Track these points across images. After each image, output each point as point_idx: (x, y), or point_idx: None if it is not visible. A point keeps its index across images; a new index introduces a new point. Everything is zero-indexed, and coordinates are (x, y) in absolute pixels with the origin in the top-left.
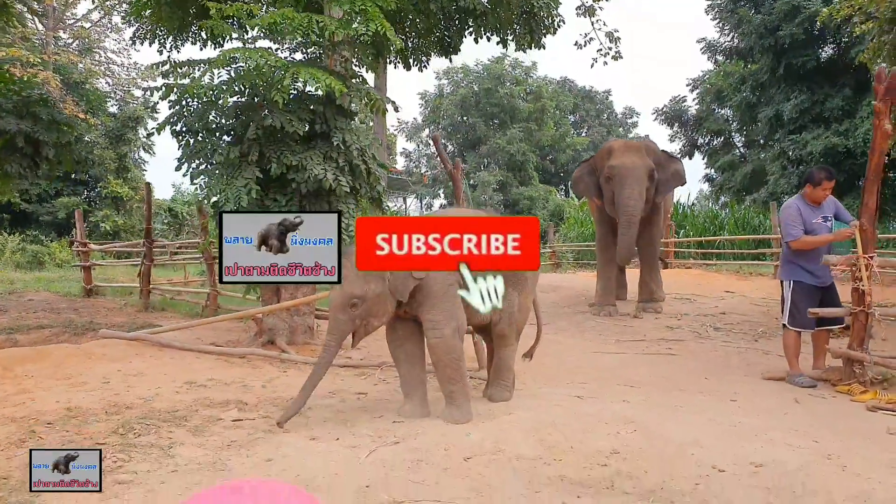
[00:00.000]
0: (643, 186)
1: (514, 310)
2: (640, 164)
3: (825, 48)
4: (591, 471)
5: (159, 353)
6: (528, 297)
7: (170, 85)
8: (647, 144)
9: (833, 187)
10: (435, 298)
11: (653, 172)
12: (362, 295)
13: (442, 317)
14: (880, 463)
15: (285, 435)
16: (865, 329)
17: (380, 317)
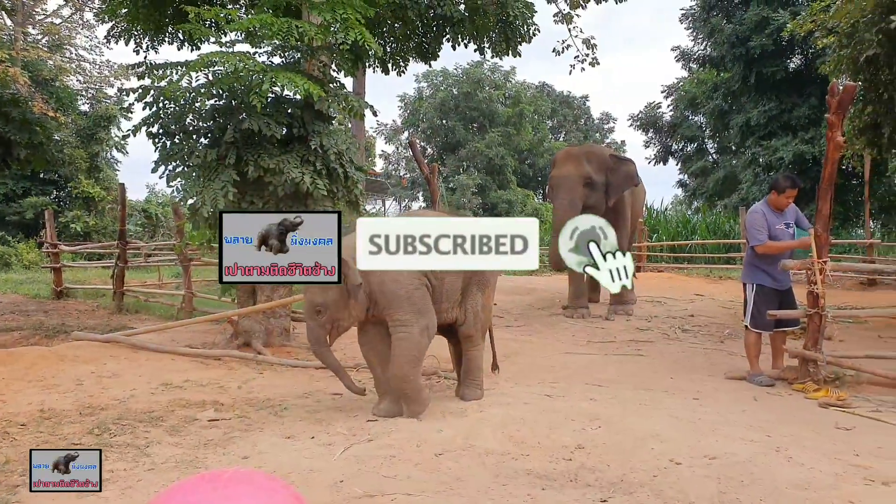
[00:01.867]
0: (575, 195)
1: (479, 309)
2: (573, 174)
3: (793, 59)
4: (556, 465)
5: (134, 355)
6: (490, 297)
7: (146, 87)
8: (590, 151)
9: (796, 195)
10: (400, 300)
11: (589, 179)
12: (323, 302)
13: (410, 316)
14: (824, 454)
15: (261, 433)
16: (819, 330)
17: (347, 319)
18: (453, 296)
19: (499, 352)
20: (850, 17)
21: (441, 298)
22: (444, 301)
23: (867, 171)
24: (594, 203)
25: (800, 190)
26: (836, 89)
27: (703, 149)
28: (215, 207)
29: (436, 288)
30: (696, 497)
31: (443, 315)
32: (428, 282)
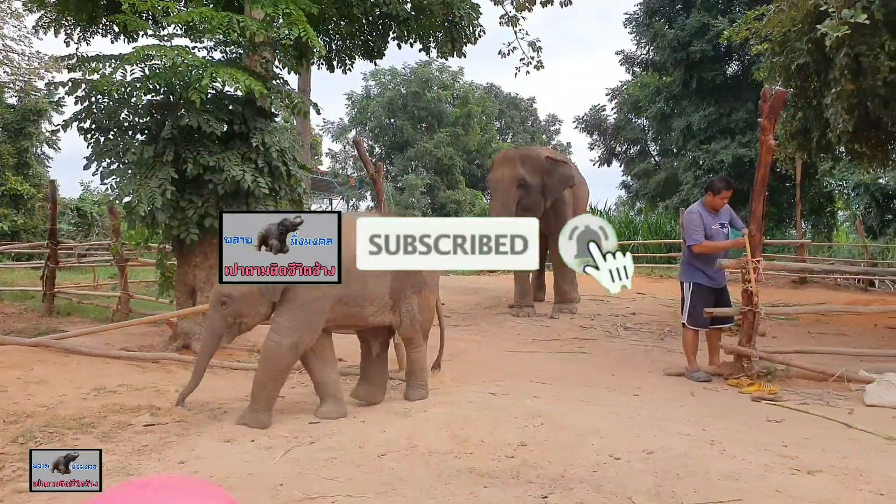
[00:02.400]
0: (509, 197)
1: (416, 311)
2: (507, 177)
3: (731, 65)
4: (498, 462)
5: (64, 359)
6: (428, 298)
7: (77, 80)
8: (526, 154)
9: (731, 196)
10: (293, 305)
11: (523, 182)
12: (230, 294)
13: (289, 325)
14: (755, 446)
15: (199, 438)
16: (753, 327)
17: (252, 316)
18: (380, 299)
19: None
20: (781, 26)
21: (364, 302)
22: (367, 306)
23: (798, 174)
24: (530, 205)
25: (736, 192)
26: (769, 95)
27: (646, 151)
28: (152, 206)
29: (355, 294)
30: (633, 491)
31: (368, 319)
32: (339, 291)
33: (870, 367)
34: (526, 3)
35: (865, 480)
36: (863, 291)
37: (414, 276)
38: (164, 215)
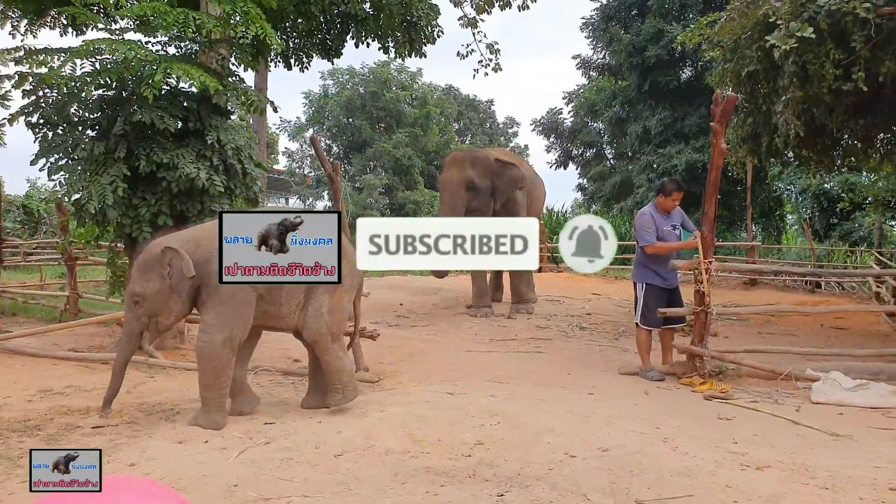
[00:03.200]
0: (457, 199)
1: (324, 312)
2: (456, 179)
3: (684, 70)
4: (455, 461)
5: (9, 360)
6: (341, 298)
7: (24, 73)
8: (475, 156)
9: (682, 198)
10: (216, 301)
11: (472, 184)
12: (141, 293)
13: (217, 321)
14: (707, 442)
15: (151, 439)
16: (705, 327)
17: (167, 315)
18: (294, 299)
19: (403, 352)
20: (732, 33)
21: (280, 302)
22: (283, 305)
23: (749, 178)
24: (480, 206)
25: (687, 194)
26: (720, 100)
27: (602, 154)
28: (103, 203)
29: (272, 291)
30: (588, 488)
31: (285, 320)
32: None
33: (816, 366)
34: (485, 5)
35: (811, 475)
36: (810, 293)
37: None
38: (115, 213)
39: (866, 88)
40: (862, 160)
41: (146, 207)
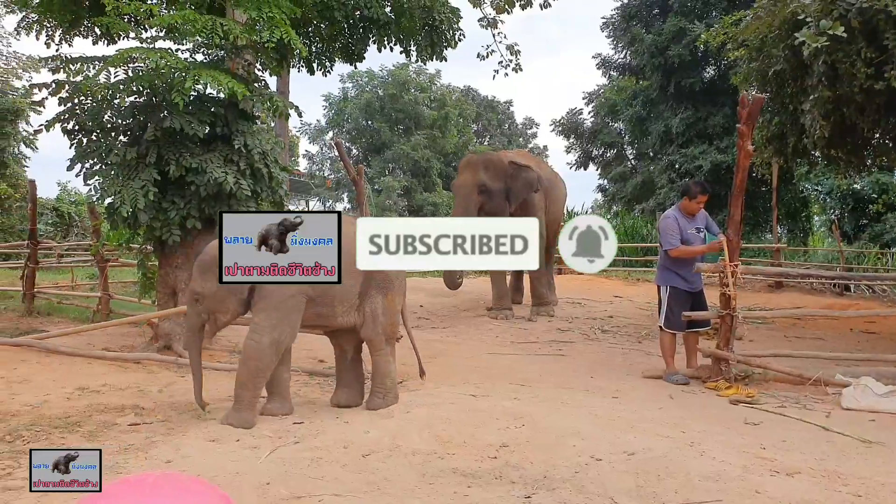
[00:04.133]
0: (470, 203)
1: (379, 313)
2: (469, 182)
3: (708, 70)
4: (481, 463)
5: (46, 359)
6: (393, 301)
7: (60, 81)
8: (489, 159)
9: (707, 201)
10: (268, 304)
11: (485, 187)
12: (201, 292)
13: (266, 324)
14: (734, 447)
15: (184, 437)
16: (731, 330)
17: (224, 313)
18: (349, 299)
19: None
20: (758, 32)
21: (334, 302)
22: (337, 305)
23: (775, 179)
24: (494, 209)
25: (713, 196)
26: (747, 101)
27: (622, 155)
28: (135, 207)
29: (325, 294)
30: (615, 491)
31: (337, 319)
32: (310, 290)
33: (846, 371)
34: (505, 5)
35: (843, 482)
36: (838, 296)
37: (380, 276)
38: (146, 216)
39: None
40: (894, 160)
41: (175, 211)
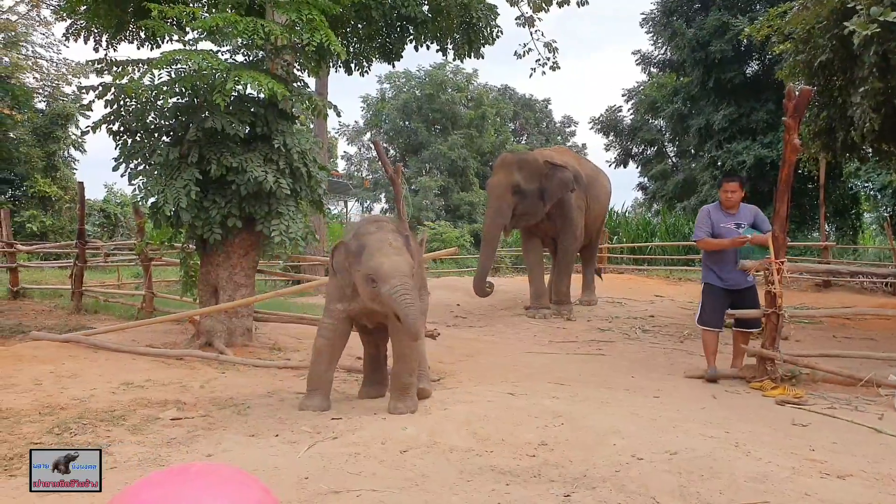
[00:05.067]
0: (503, 203)
1: (424, 309)
2: (502, 183)
3: (751, 64)
4: (520, 461)
5: (93, 354)
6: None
7: (107, 84)
8: (523, 159)
9: (737, 189)
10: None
11: (518, 188)
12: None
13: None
14: (780, 449)
15: (225, 432)
16: (777, 329)
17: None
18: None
19: (462, 352)
20: (805, 23)
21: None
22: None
23: (822, 175)
24: (528, 209)
25: (757, 192)
26: (793, 93)
27: (663, 152)
28: (177, 206)
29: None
30: (657, 491)
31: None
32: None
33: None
34: (542, 2)
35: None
36: (890, 295)
37: (420, 275)
38: (188, 215)
39: None
40: None
41: (216, 210)
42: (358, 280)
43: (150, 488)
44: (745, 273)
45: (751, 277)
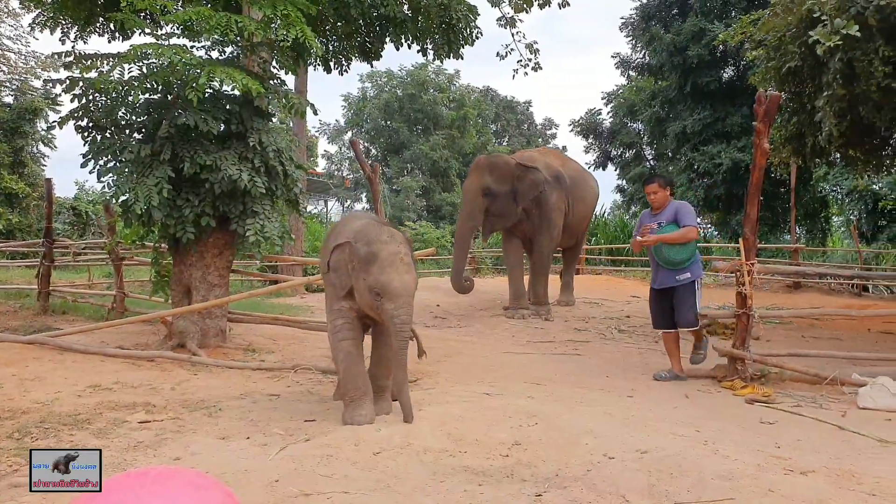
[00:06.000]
0: (475, 206)
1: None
2: (473, 186)
3: (727, 69)
4: (493, 461)
5: (59, 356)
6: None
7: (74, 78)
8: (494, 162)
9: (656, 190)
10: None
11: (489, 190)
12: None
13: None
14: (748, 446)
15: (194, 435)
16: (747, 330)
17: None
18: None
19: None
20: (776, 30)
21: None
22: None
23: (793, 179)
24: (501, 211)
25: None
26: (763, 99)
27: (641, 155)
28: (149, 204)
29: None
30: (627, 489)
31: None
32: None
33: (863, 371)
34: (524, 4)
35: (858, 481)
36: (856, 296)
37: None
38: (160, 214)
39: None
40: None
41: (190, 208)
42: (360, 287)
43: (105, 495)
44: (674, 272)
45: (681, 277)
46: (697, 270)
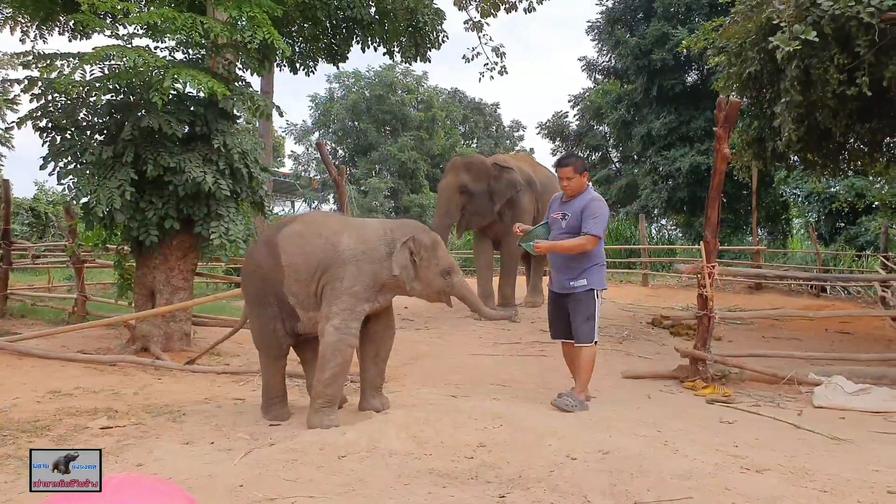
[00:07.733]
0: (451, 204)
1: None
2: (450, 184)
3: (690, 74)
4: (458, 463)
5: (17, 362)
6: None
7: (33, 78)
8: (470, 161)
9: (571, 175)
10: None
11: (465, 188)
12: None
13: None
14: (707, 446)
15: (158, 440)
16: (708, 331)
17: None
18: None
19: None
20: (737, 37)
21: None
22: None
23: (755, 183)
24: (478, 210)
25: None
26: (723, 104)
27: (607, 158)
28: (111, 207)
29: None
30: (588, 490)
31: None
32: None
33: (819, 370)
34: (491, 8)
35: (811, 478)
36: (815, 297)
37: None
38: (123, 216)
39: (870, 93)
40: (868, 164)
41: (153, 211)
42: (430, 274)
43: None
44: (568, 277)
45: (576, 283)
46: (597, 279)
